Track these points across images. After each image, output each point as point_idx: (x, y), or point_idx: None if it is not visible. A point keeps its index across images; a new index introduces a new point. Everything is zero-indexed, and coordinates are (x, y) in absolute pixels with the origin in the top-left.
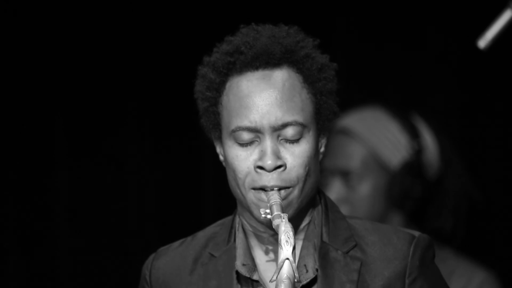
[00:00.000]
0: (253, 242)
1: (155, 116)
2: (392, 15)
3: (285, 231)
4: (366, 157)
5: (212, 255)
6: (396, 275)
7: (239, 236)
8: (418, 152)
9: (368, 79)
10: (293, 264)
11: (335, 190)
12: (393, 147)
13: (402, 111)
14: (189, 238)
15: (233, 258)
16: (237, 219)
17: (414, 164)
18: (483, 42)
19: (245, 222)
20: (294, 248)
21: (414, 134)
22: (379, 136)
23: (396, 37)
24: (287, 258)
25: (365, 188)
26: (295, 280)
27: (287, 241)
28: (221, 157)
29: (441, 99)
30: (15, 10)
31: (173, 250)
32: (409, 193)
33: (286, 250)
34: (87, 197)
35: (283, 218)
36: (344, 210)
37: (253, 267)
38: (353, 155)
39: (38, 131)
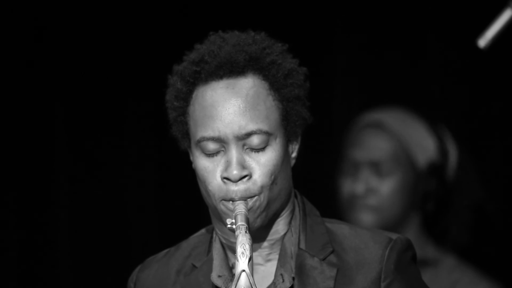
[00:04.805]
0: (229, 253)
1: (155, 116)
2: (392, 22)
3: (241, 242)
4: (397, 150)
5: (193, 265)
6: (371, 280)
7: (216, 247)
8: (443, 155)
9: (368, 86)
10: (250, 277)
11: (364, 180)
12: (422, 147)
13: (431, 119)
14: (172, 249)
15: (212, 269)
16: (214, 230)
17: (439, 167)
18: (483, 41)
19: (219, 233)
20: (250, 259)
21: (440, 137)
22: (410, 133)
23: (396, 45)
24: (243, 270)
25: (394, 180)
26: None
27: (243, 253)
28: (193, 165)
29: (440, 105)
30: (14, 8)
31: (157, 262)
32: (432, 194)
33: (242, 262)
34: (87, 199)
35: (241, 229)
36: (372, 201)
37: (230, 278)
38: (385, 147)
39: (38, 132)
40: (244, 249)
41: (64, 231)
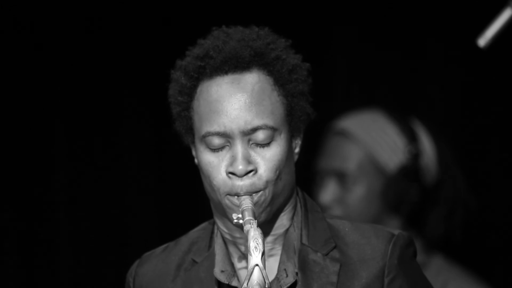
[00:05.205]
0: (231, 248)
1: (154, 115)
2: (392, 22)
3: (253, 237)
4: (362, 159)
5: (194, 261)
6: (375, 275)
7: (218, 242)
8: (415, 156)
9: (368, 86)
10: (263, 271)
11: (330, 191)
12: (390, 150)
13: (401, 115)
14: (171, 244)
15: (214, 264)
16: (216, 225)
17: (411, 168)
18: (483, 40)
19: (221, 228)
20: (263, 254)
21: (412, 138)
22: (377, 139)
23: (396, 44)
24: (257, 265)
25: (360, 190)
26: (266, 286)
27: (256, 247)
28: (196, 161)
29: (440, 105)
30: (13, 11)
31: (155, 257)
32: (405, 197)
33: (255, 256)
34: (86, 197)
35: (252, 224)
36: (338, 211)
37: (232, 273)
38: (350, 157)
39: (38, 131)
40: (257, 244)
41: (64, 231)
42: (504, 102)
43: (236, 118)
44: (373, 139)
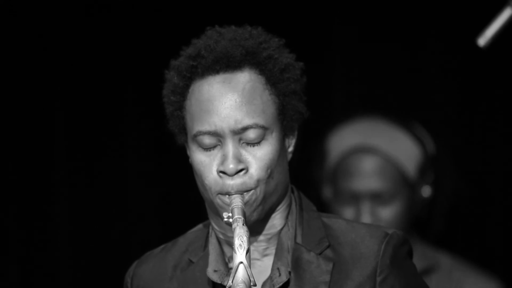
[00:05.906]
0: (225, 248)
1: (155, 113)
2: (392, 21)
3: (239, 234)
4: (395, 174)
5: (190, 260)
6: (367, 274)
7: (212, 242)
8: (428, 158)
9: (367, 85)
10: (248, 269)
11: (369, 212)
12: (409, 156)
13: (404, 120)
14: (169, 244)
15: (208, 264)
16: (210, 225)
17: (428, 170)
18: (483, 40)
19: (215, 228)
20: (248, 251)
21: (421, 141)
22: (396, 148)
23: (395, 44)
24: (241, 262)
25: (397, 206)
26: (251, 284)
27: (240, 245)
28: (190, 160)
29: (440, 103)
30: (13, 9)
31: (153, 257)
32: (427, 200)
33: (239, 254)
34: (86, 197)
35: (239, 222)
36: None
37: (225, 272)
38: (382, 174)
39: (38, 131)
40: (242, 241)
41: (64, 230)
42: (504, 102)
43: (226, 117)
44: (394, 149)
